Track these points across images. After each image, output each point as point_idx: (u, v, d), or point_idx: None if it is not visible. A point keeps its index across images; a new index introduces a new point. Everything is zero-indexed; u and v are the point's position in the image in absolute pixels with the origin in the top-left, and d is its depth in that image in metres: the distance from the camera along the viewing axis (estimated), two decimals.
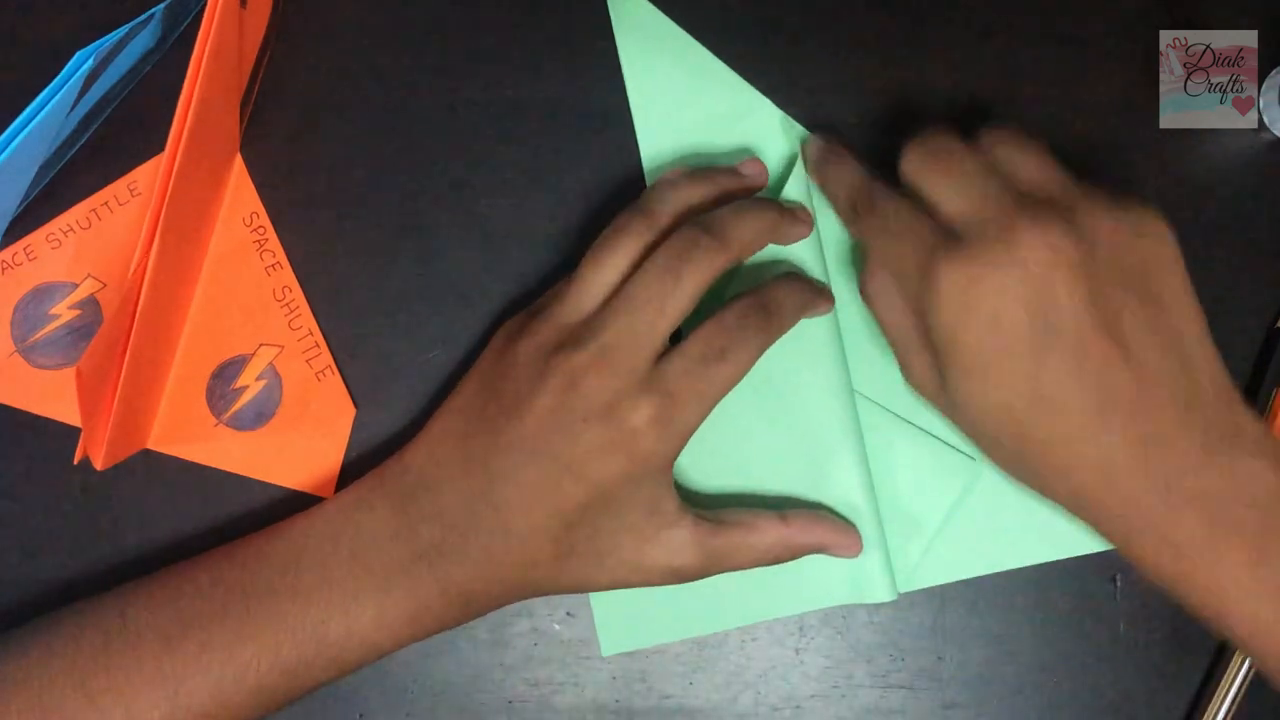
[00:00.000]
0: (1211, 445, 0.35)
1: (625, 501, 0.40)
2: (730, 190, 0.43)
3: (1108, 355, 0.35)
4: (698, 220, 0.41)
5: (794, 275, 0.43)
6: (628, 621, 0.46)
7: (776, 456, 0.45)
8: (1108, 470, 0.35)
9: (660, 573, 0.41)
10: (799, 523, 0.43)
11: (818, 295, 0.43)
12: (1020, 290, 0.35)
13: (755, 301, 0.41)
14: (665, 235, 0.40)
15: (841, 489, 0.45)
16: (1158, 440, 0.35)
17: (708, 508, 0.42)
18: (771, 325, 0.41)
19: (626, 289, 0.40)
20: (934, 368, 0.38)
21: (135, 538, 0.45)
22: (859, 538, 0.44)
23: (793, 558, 0.43)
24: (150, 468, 0.45)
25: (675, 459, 0.40)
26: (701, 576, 0.42)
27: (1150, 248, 0.37)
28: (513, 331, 0.42)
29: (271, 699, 0.40)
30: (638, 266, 0.40)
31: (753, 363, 0.40)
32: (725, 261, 0.40)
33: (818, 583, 0.46)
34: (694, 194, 0.42)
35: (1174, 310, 0.36)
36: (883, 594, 0.45)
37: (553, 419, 0.39)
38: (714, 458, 0.45)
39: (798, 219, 0.43)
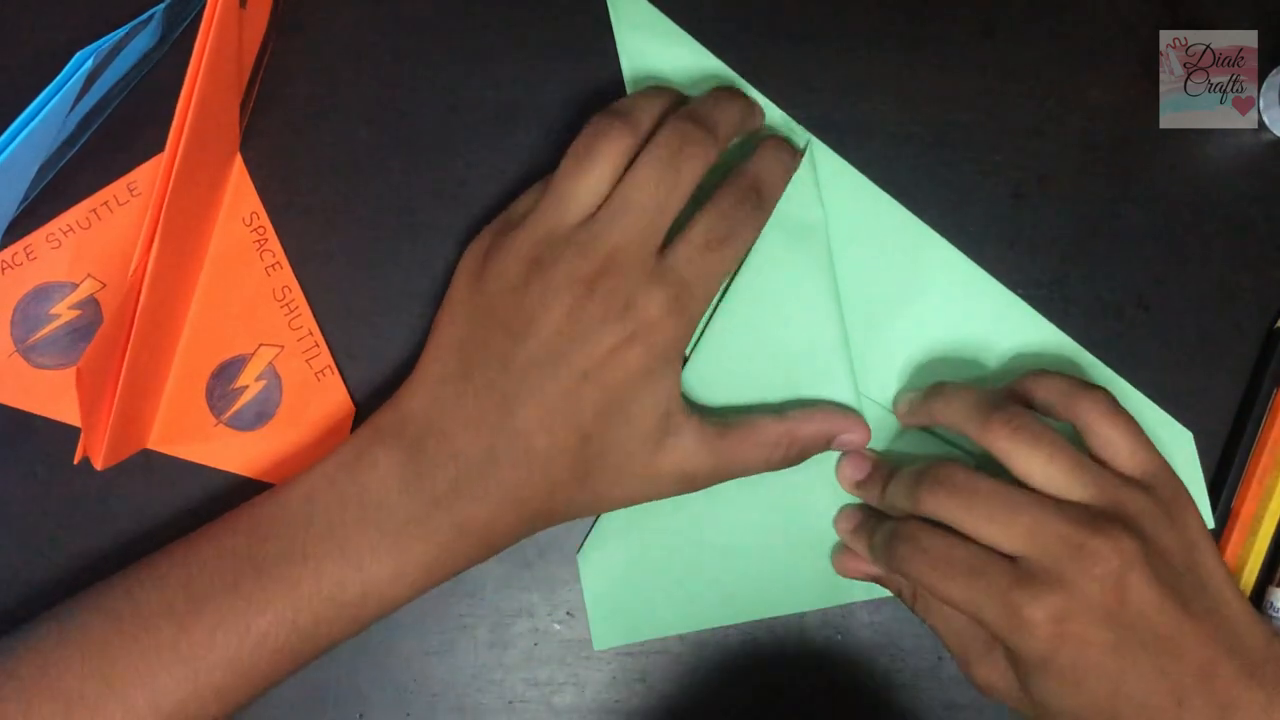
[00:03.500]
0: (1273, 699, 0.38)
1: (640, 404, 0.40)
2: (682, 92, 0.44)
3: (1177, 638, 0.38)
4: (682, 114, 0.41)
5: (771, 144, 0.43)
6: (620, 616, 0.46)
7: (773, 382, 0.45)
8: None
9: (673, 480, 0.41)
10: (798, 415, 0.43)
11: (794, 155, 0.44)
12: (1101, 606, 0.37)
13: (746, 183, 0.42)
14: (644, 139, 0.41)
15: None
16: (1230, 706, 0.38)
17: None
18: (765, 201, 0.42)
19: (624, 191, 0.40)
20: (1008, 672, 0.40)
21: (135, 538, 0.45)
22: (864, 424, 0.44)
23: (801, 455, 0.43)
24: (150, 468, 0.45)
25: (685, 348, 0.41)
26: (711, 483, 0.42)
27: (1187, 524, 0.40)
28: (488, 251, 0.41)
29: (291, 661, 0.39)
30: (620, 170, 0.40)
31: (750, 245, 0.42)
32: (716, 152, 0.41)
33: (812, 585, 0.46)
34: (667, 98, 0.43)
35: (1214, 577, 0.40)
36: (879, 590, 0.45)
37: (569, 329, 0.39)
38: (712, 384, 0.45)
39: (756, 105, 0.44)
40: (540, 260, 0.40)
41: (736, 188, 0.41)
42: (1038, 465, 0.39)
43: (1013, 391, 0.43)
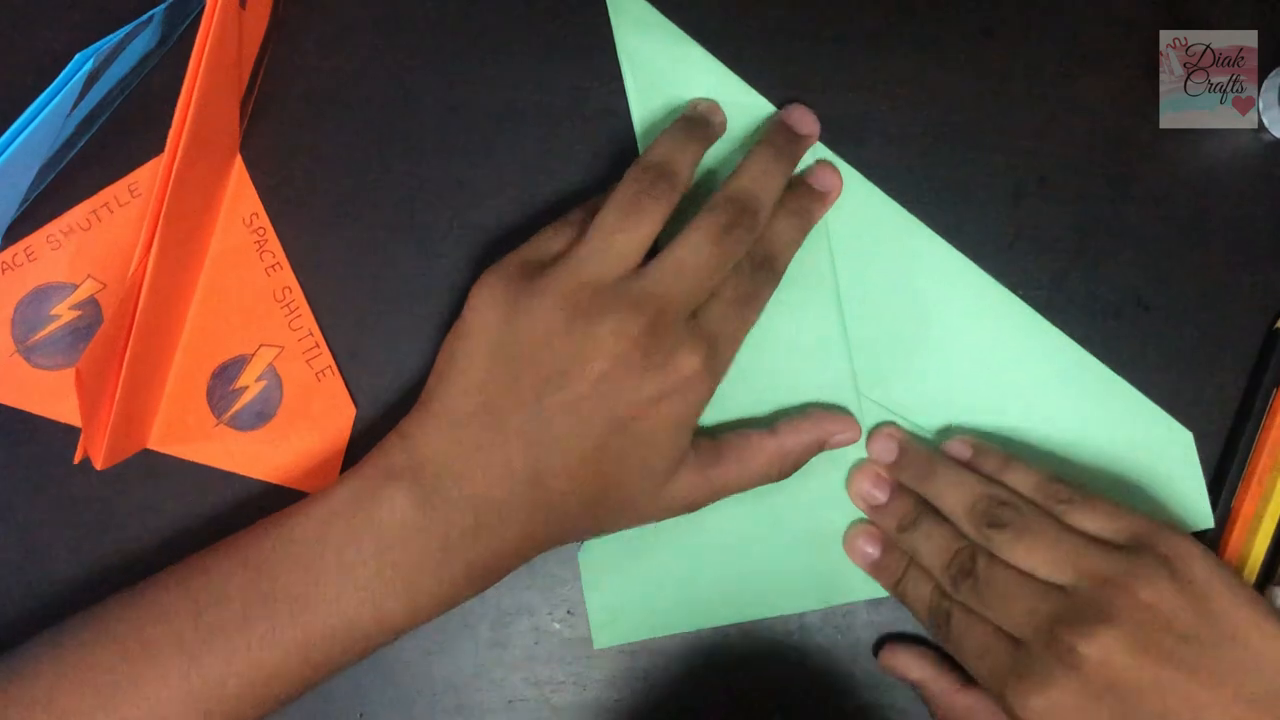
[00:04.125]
0: None
1: (660, 453, 0.40)
2: (720, 125, 0.45)
3: (1190, 708, 0.38)
4: (738, 187, 0.42)
5: (784, 215, 0.44)
6: (621, 615, 0.46)
7: (773, 383, 0.46)
8: None
9: (672, 511, 0.42)
10: (786, 428, 0.44)
11: (806, 225, 0.45)
12: (1087, 691, 0.38)
13: (764, 252, 0.43)
14: (677, 194, 0.42)
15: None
16: None
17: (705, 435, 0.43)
18: (779, 267, 0.43)
19: (678, 252, 0.40)
20: None
21: (135, 538, 0.45)
22: (854, 422, 0.45)
23: (794, 466, 0.44)
24: (150, 468, 0.45)
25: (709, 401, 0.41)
26: (708, 504, 0.43)
27: (1192, 575, 0.39)
28: (516, 289, 0.40)
29: (299, 689, 0.40)
30: (661, 225, 0.41)
31: (769, 298, 0.43)
32: (761, 227, 0.42)
33: (812, 584, 0.46)
34: (701, 144, 0.43)
35: (1230, 619, 0.39)
36: (879, 588, 0.45)
37: (610, 379, 0.39)
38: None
39: (825, 193, 0.45)
40: (583, 308, 0.39)
41: (753, 258, 0.42)
42: (1022, 558, 0.41)
43: (997, 462, 0.44)
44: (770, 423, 0.44)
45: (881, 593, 0.45)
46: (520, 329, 0.40)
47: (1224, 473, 0.46)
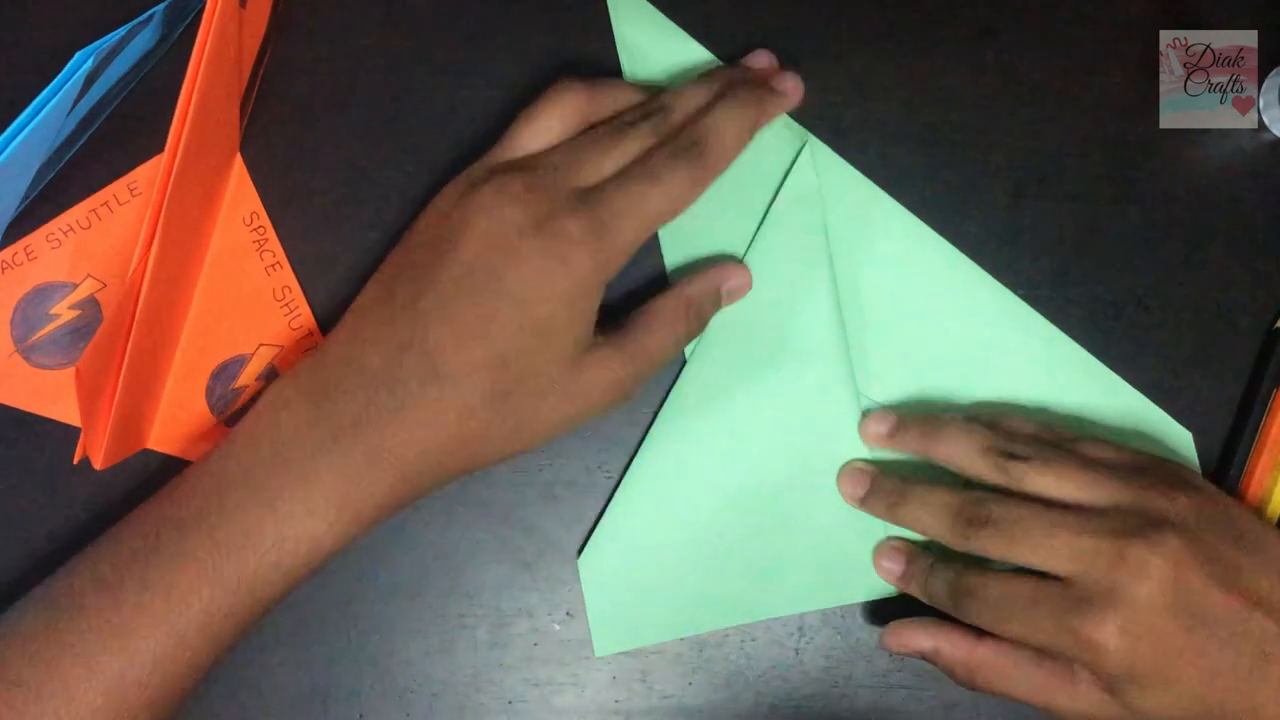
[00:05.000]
0: None
1: (557, 328, 0.39)
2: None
3: (1242, 598, 0.39)
4: (653, 99, 0.42)
5: (734, 97, 0.42)
6: (621, 622, 0.46)
7: (773, 382, 0.45)
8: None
9: (600, 392, 0.41)
10: (682, 281, 0.44)
11: (751, 116, 0.42)
12: (1160, 603, 0.38)
13: (689, 133, 0.41)
14: (603, 116, 0.42)
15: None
16: None
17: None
18: (707, 157, 0.41)
19: (572, 139, 0.41)
20: (1097, 693, 0.40)
21: None
22: (746, 269, 0.45)
23: (701, 318, 0.44)
24: (150, 468, 0.45)
25: (607, 281, 0.40)
26: (638, 383, 0.42)
27: (1202, 486, 0.41)
28: (446, 188, 0.42)
29: (225, 622, 0.38)
30: (571, 132, 0.41)
31: (687, 196, 0.40)
32: (673, 125, 0.41)
33: (813, 585, 0.46)
34: (641, 91, 0.44)
35: (1256, 530, 0.41)
36: (879, 590, 0.45)
37: (488, 239, 0.39)
38: (711, 384, 0.45)
39: (783, 95, 0.44)
40: (475, 182, 0.40)
41: (680, 139, 0.41)
42: (1053, 487, 0.40)
43: (993, 422, 0.44)
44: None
45: (880, 594, 0.45)
46: (427, 219, 0.41)
47: (1224, 473, 0.46)
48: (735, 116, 0.42)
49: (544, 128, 0.41)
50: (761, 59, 0.45)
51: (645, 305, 0.43)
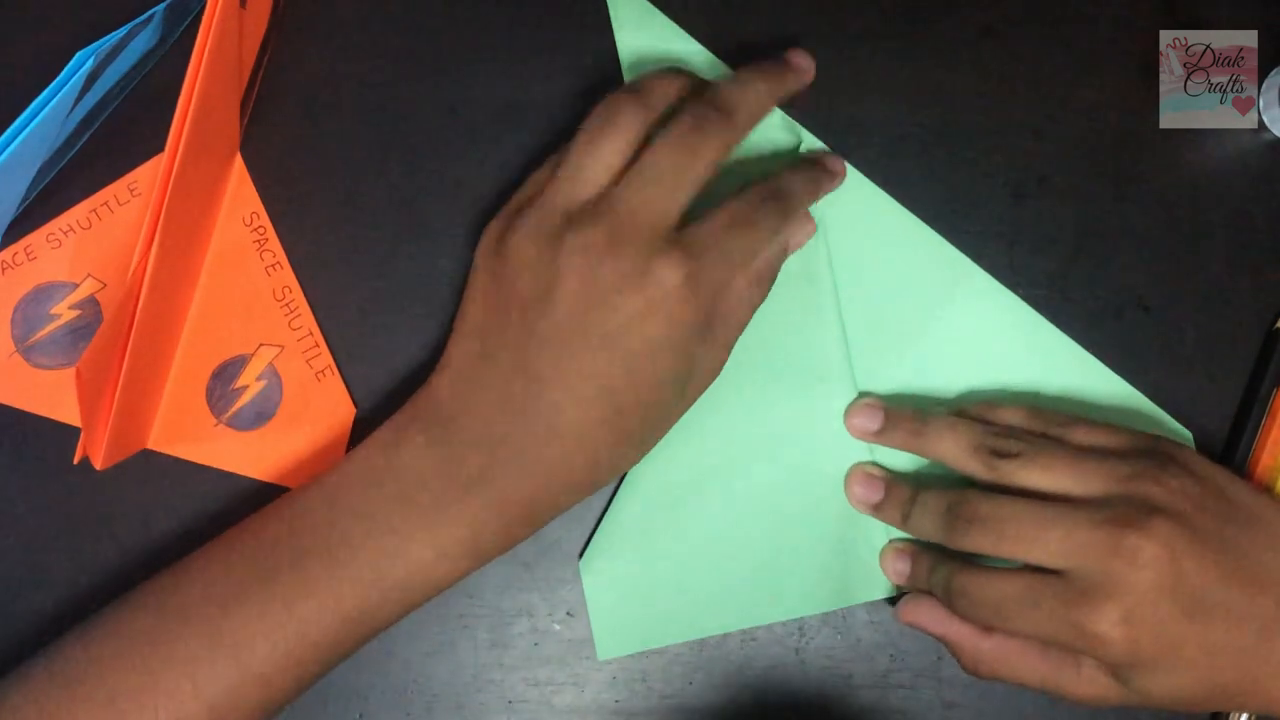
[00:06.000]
0: None
1: (669, 374, 0.39)
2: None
3: (1242, 580, 0.39)
4: (703, 98, 0.41)
5: (802, 162, 0.44)
6: (624, 624, 0.46)
7: (773, 383, 0.45)
8: None
9: (701, 387, 0.41)
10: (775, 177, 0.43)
11: (825, 176, 0.44)
12: (1159, 590, 0.38)
13: (773, 186, 0.42)
14: (660, 119, 0.41)
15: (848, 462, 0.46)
16: None
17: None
18: (788, 208, 0.42)
19: (640, 165, 0.40)
20: (1102, 679, 0.40)
21: (135, 538, 0.45)
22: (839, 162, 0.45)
23: (794, 242, 0.44)
24: (150, 468, 0.45)
25: (705, 326, 0.40)
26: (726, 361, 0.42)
27: (1198, 467, 0.41)
28: (502, 232, 0.41)
29: (337, 649, 0.39)
30: (636, 149, 0.40)
31: (772, 236, 0.41)
32: (737, 137, 0.41)
33: (813, 587, 0.46)
34: (683, 80, 0.42)
35: (1246, 499, 0.41)
36: (879, 591, 0.45)
37: (584, 298, 0.38)
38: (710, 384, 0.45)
39: (797, 70, 0.44)
40: (555, 234, 0.39)
41: (764, 186, 0.42)
42: (1044, 481, 0.40)
43: (980, 413, 0.44)
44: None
45: (881, 595, 0.45)
46: (505, 269, 0.40)
47: None
48: (809, 181, 0.43)
49: (608, 153, 0.40)
50: (793, 54, 0.44)
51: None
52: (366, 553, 0.38)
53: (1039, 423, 0.43)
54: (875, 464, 0.45)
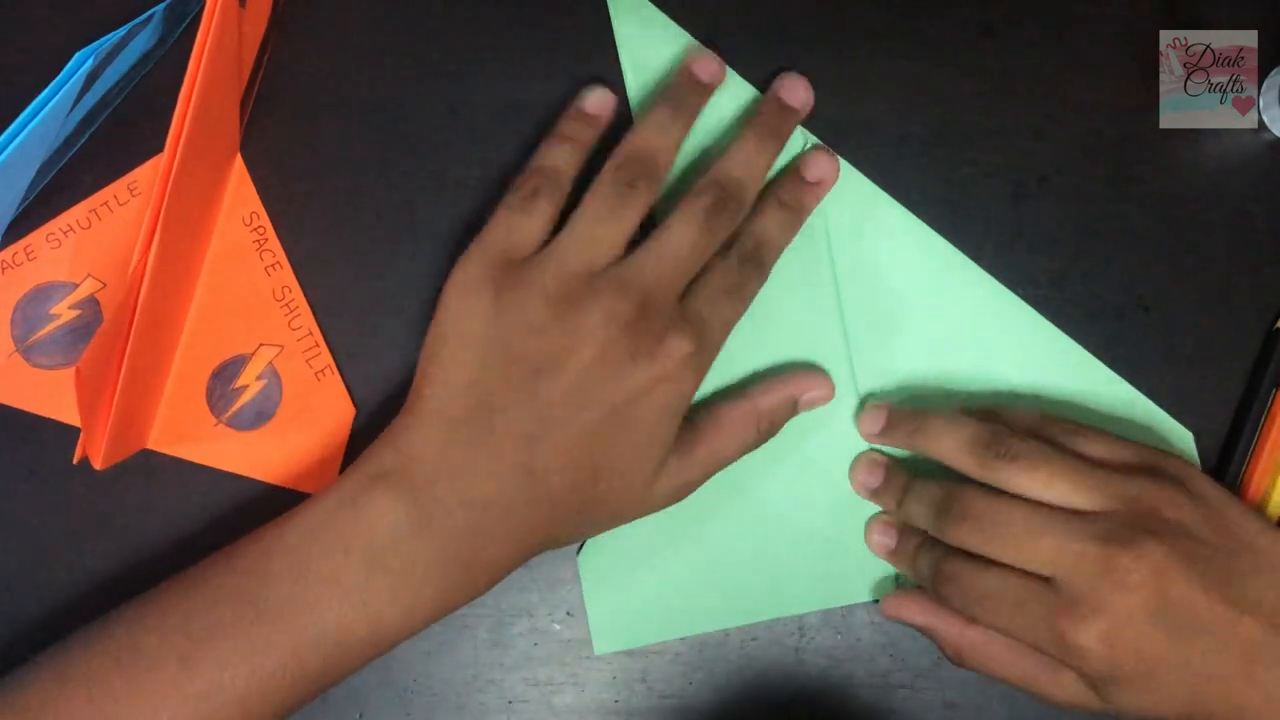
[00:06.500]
0: None
1: (653, 439, 0.40)
2: (699, 107, 0.44)
3: (1230, 608, 0.39)
4: (719, 179, 0.42)
5: (774, 207, 0.44)
6: (621, 620, 0.46)
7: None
8: (1271, 695, 0.39)
9: (664, 500, 0.42)
10: (758, 390, 0.44)
11: (797, 218, 0.45)
12: (1145, 611, 0.38)
13: (753, 243, 0.43)
14: (658, 183, 0.42)
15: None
16: None
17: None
18: (767, 260, 0.43)
19: (663, 239, 0.41)
20: (1082, 684, 0.40)
21: (135, 538, 0.45)
22: (826, 378, 0.44)
23: (772, 427, 0.44)
24: (150, 468, 0.45)
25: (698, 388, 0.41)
26: (698, 486, 0.43)
27: (1204, 492, 0.41)
28: (499, 286, 0.40)
29: (300, 697, 0.39)
30: (645, 213, 0.41)
31: (754, 296, 0.43)
32: (745, 210, 0.43)
33: (813, 585, 0.46)
34: (680, 130, 0.43)
35: (1246, 529, 0.41)
36: (880, 589, 0.45)
37: (601, 366, 0.39)
38: (710, 385, 0.45)
39: (801, 110, 0.45)
40: (572, 298, 0.40)
41: (744, 246, 0.43)
42: (1042, 488, 0.40)
43: (988, 414, 0.44)
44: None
45: (882, 593, 0.45)
46: (509, 324, 0.40)
47: (1224, 473, 0.46)
48: (785, 222, 0.44)
49: (629, 224, 0.41)
50: (788, 86, 0.45)
51: (714, 409, 0.43)
52: (334, 614, 0.38)
53: (1044, 428, 0.43)
54: (880, 451, 0.45)
